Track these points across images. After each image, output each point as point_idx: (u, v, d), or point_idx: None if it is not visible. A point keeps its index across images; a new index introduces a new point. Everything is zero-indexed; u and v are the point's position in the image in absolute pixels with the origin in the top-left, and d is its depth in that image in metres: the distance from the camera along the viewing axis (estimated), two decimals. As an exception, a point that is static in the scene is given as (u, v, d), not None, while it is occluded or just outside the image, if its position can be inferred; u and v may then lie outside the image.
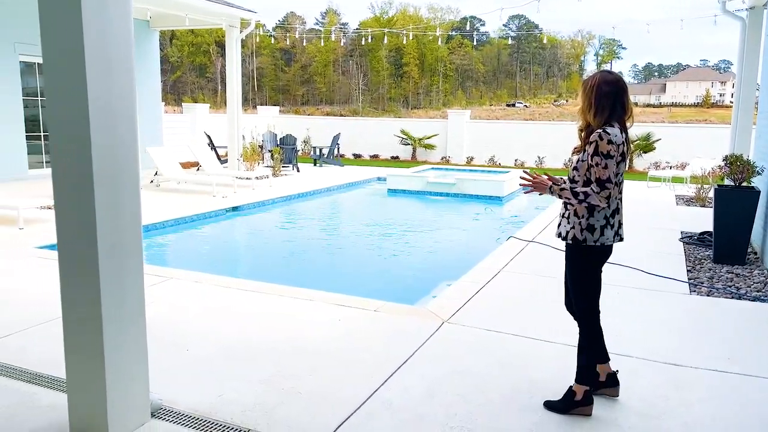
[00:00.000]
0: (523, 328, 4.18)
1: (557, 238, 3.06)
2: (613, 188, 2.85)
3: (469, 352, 3.77)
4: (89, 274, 2.56)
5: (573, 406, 3.02)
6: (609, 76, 2.95)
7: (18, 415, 2.89)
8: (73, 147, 2.50)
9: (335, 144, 16.73)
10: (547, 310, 4.58)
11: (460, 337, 4.02)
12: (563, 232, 2.99)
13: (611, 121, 2.89)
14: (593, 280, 3.01)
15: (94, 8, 2.41)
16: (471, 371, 3.49)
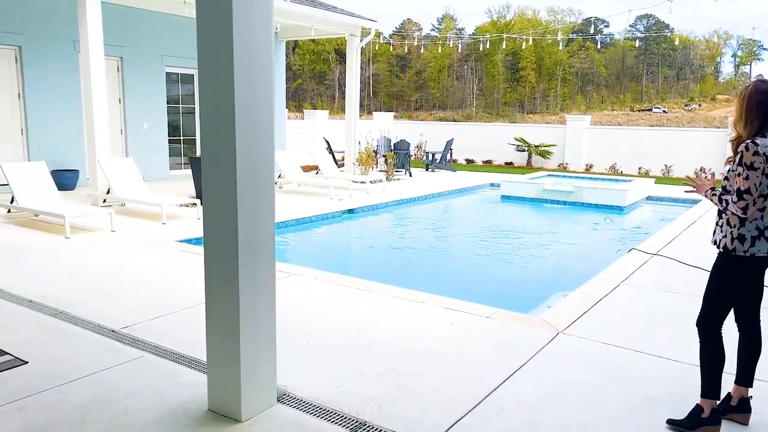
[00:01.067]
0: (644, 344, 4.01)
1: (712, 245, 2.99)
2: (752, 200, 2.73)
3: (584, 364, 3.68)
4: (230, 266, 2.83)
5: (700, 423, 2.88)
6: (762, 85, 2.82)
7: (165, 389, 3.24)
8: (221, 150, 2.78)
9: (448, 149, 16.78)
10: (670, 326, 4.35)
11: (575, 349, 3.93)
12: (717, 239, 2.94)
13: (763, 132, 2.77)
14: (728, 292, 2.90)
15: (243, 28, 2.67)
16: (586, 383, 3.41)
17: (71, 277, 5.43)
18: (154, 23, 12.14)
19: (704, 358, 2.93)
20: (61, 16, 10.54)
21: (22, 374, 3.36)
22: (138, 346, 3.82)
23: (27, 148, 10.45)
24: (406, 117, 46.05)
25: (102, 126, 8.98)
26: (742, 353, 3.00)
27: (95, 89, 8.80)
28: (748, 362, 2.98)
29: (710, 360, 2.91)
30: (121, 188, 8.78)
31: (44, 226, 7.66)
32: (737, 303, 2.96)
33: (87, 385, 3.26)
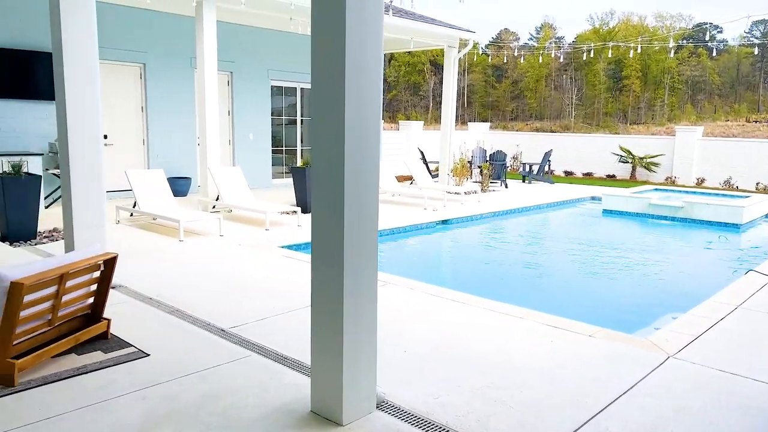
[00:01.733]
0: (761, 372, 3.70)
1: None
2: None
3: (697, 392, 3.46)
4: (335, 273, 2.93)
5: None
6: None
7: (270, 389, 3.39)
8: (330, 160, 2.89)
9: (546, 161, 16.36)
10: (798, 357, 3.98)
11: (687, 375, 3.70)
12: None
13: None
14: None
15: (355, 43, 2.77)
16: (701, 412, 3.20)
17: (185, 277, 5.82)
18: (261, 39, 12.82)
19: None
20: (180, 36, 11.37)
21: (144, 366, 3.65)
22: (245, 346, 4.02)
23: (147, 157, 11.33)
24: (501, 127, 45.36)
25: (213, 137, 9.57)
26: None
27: (209, 103, 9.40)
28: None
29: None
30: (229, 195, 9.31)
31: (161, 229, 8.27)
32: None
33: (201, 379, 3.48)
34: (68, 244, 4.98)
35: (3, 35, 9.28)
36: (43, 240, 7.23)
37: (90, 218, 4.96)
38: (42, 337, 3.64)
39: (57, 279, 3.50)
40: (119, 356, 3.77)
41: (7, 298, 3.22)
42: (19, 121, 9.59)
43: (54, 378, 3.43)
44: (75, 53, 4.76)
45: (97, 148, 4.95)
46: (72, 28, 4.72)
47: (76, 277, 3.69)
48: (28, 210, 7.12)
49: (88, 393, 3.26)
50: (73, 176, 4.83)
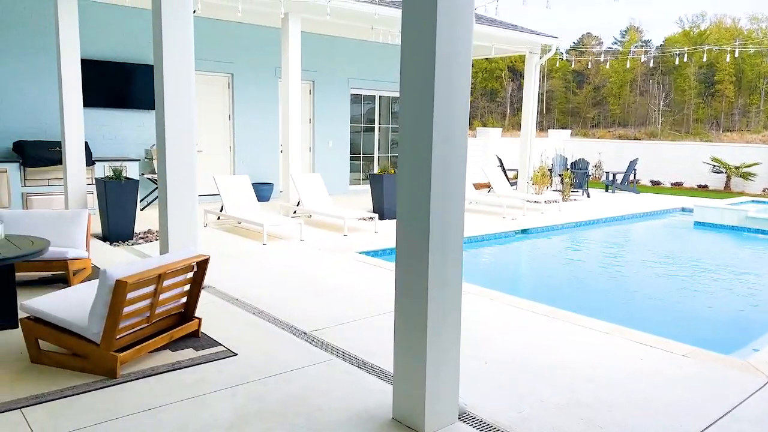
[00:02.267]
0: None
1: None
2: None
3: (808, 422, 3.20)
4: (420, 281, 2.94)
5: None
6: None
7: (353, 393, 3.45)
8: (417, 166, 2.91)
9: (631, 169, 15.70)
10: None
11: (794, 402, 3.43)
12: None
13: None
14: None
15: (445, 50, 2.79)
16: (811, 445, 2.97)
17: (268, 280, 6.02)
18: (342, 48, 13.10)
19: None
20: (266, 47, 11.81)
21: (233, 364, 3.80)
22: (327, 349, 4.11)
23: (233, 163, 11.83)
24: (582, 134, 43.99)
25: (296, 144, 9.85)
26: None
27: (292, 111, 9.70)
28: None
29: None
30: (309, 201, 9.55)
31: (245, 232, 8.60)
32: None
33: (287, 380, 3.58)
34: (163, 245, 5.27)
35: (104, 49, 9.98)
36: (138, 241, 7.70)
37: (183, 222, 5.23)
38: (141, 333, 3.87)
39: (155, 278, 3.72)
40: (209, 354, 3.94)
41: (113, 295, 3.45)
42: (118, 129, 10.28)
43: (151, 372, 3.64)
44: (174, 67, 5.05)
45: (191, 156, 5.22)
46: (171, 42, 5.01)
47: (172, 277, 3.90)
48: (127, 212, 7.60)
49: (183, 388, 3.44)
50: (170, 181, 5.11)
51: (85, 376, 3.55)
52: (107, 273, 3.45)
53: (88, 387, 3.41)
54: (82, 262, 5.50)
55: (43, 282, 5.57)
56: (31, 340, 3.72)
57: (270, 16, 10.22)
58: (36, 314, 3.72)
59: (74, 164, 8.01)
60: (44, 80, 9.42)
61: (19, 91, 9.28)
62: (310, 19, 10.12)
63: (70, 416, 3.06)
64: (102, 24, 9.89)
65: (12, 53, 9.16)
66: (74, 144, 7.98)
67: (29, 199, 8.81)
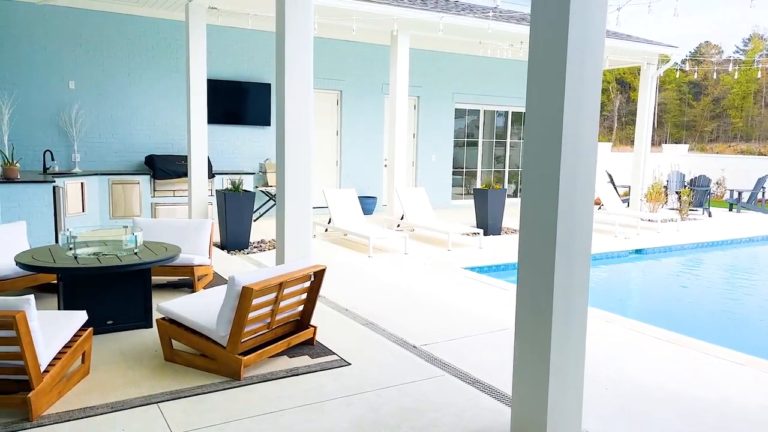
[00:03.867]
0: None
1: None
2: None
3: None
4: (544, 299, 2.86)
5: None
6: None
7: (466, 410, 3.40)
8: (544, 183, 2.85)
9: (760, 187, 14.45)
10: None
11: None
12: None
13: None
14: None
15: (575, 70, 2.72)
16: None
17: (375, 291, 6.11)
18: (447, 63, 13.15)
19: None
20: (374, 64, 12.12)
21: (348, 374, 3.88)
22: (437, 365, 4.09)
23: (340, 176, 12.18)
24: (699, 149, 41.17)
25: (401, 159, 9.98)
26: None
27: (398, 126, 9.85)
28: None
29: None
30: (413, 215, 9.62)
31: (351, 244, 8.80)
32: None
33: (401, 393, 3.60)
34: (279, 255, 5.51)
35: (224, 69, 10.67)
36: (253, 250, 8.10)
37: (299, 233, 5.44)
38: (261, 338, 4.06)
39: (277, 286, 3.89)
40: (324, 362, 4.06)
41: (239, 301, 3.65)
42: (235, 144, 10.92)
43: (271, 377, 3.80)
44: (295, 86, 5.30)
45: (307, 170, 5.44)
46: (293, 62, 5.27)
47: (292, 285, 4.06)
48: (243, 223, 8.04)
49: (302, 393, 3.56)
50: (288, 195, 5.35)
51: (212, 376, 3.77)
52: (235, 279, 3.66)
53: (215, 387, 3.61)
54: (206, 268, 5.86)
55: (172, 286, 5.99)
56: (165, 340, 4.01)
57: (380, 34, 10.48)
58: (170, 315, 4.01)
59: (198, 177, 8.60)
60: (174, 99, 10.23)
61: (152, 110, 10.14)
62: (420, 35, 10.26)
63: (201, 413, 3.26)
64: (222, 45, 10.60)
65: (147, 74, 10.04)
66: (199, 158, 8.57)
67: (156, 208, 9.56)
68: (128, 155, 10.00)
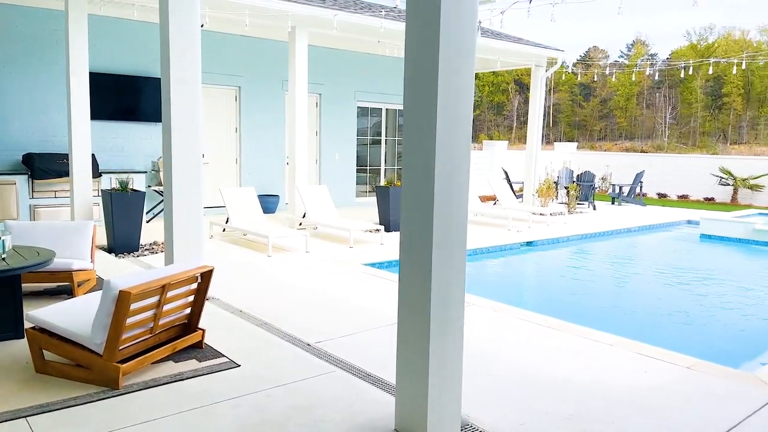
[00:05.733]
0: None
1: None
2: None
3: (814, 436, 3.17)
4: (423, 292, 2.94)
5: None
6: None
7: (355, 404, 3.44)
8: (420, 179, 2.93)
9: (638, 182, 15.67)
10: None
11: (801, 416, 3.40)
12: None
13: None
14: None
15: (447, 68, 2.81)
16: (818, 459, 2.93)
17: (272, 291, 6.03)
18: (349, 62, 13.19)
19: None
20: (273, 60, 11.93)
21: (236, 376, 3.80)
22: (330, 361, 4.10)
23: (239, 175, 11.90)
24: (589, 147, 43.96)
25: (302, 156, 9.91)
26: None
27: (298, 124, 9.76)
28: None
29: None
30: (315, 213, 9.58)
31: (250, 244, 8.62)
32: None
33: (290, 391, 3.58)
34: (168, 256, 5.30)
35: (113, 62, 10.11)
36: (144, 252, 7.74)
37: (189, 233, 5.26)
38: (144, 343, 3.88)
39: (159, 289, 3.74)
40: (212, 365, 3.95)
41: (116, 306, 3.47)
42: (126, 142, 10.37)
43: (153, 383, 3.65)
44: (181, 80, 5.10)
45: (197, 168, 5.26)
46: (179, 55, 5.07)
47: (176, 288, 3.92)
48: (132, 224, 7.65)
49: (186, 399, 3.44)
50: (176, 193, 5.15)
51: (88, 386, 3.56)
52: (111, 283, 3.47)
53: (90, 398, 3.41)
54: (87, 273, 5.53)
55: (49, 293, 5.60)
56: (35, 350, 3.74)
57: (277, 30, 10.33)
58: (41, 324, 3.74)
59: (81, 176, 8.09)
60: (53, 93, 9.54)
61: (28, 104, 9.40)
62: (317, 32, 10.21)
63: (73, 426, 3.07)
64: (111, 38, 10.02)
65: (21, 66, 9.29)
66: (81, 156, 8.06)
67: (36, 210, 8.89)
68: (3, 154, 9.22)
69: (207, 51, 10.70)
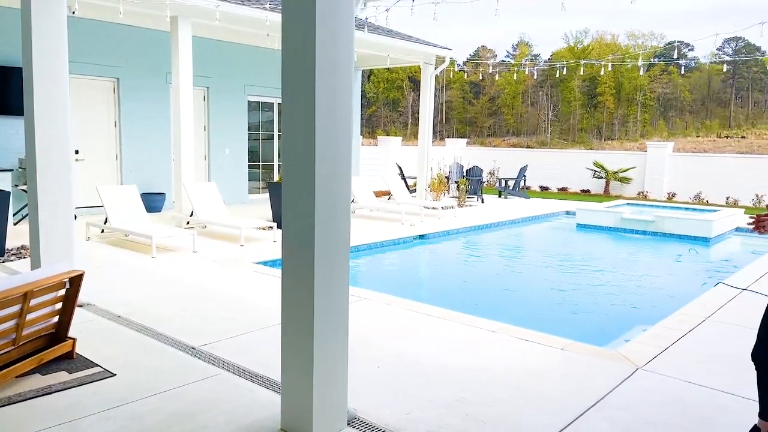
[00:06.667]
0: (730, 384, 3.77)
1: None
2: None
3: (664, 404, 3.50)
4: (305, 288, 2.92)
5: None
6: None
7: (240, 407, 3.35)
8: (301, 175, 2.90)
9: (521, 176, 16.56)
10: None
11: (655, 386, 3.75)
12: None
13: None
14: None
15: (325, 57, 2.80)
16: (669, 424, 3.24)
17: (156, 295, 5.74)
18: (238, 55, 12.81)
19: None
20: (156, 51, 11.32)
21: (110, 386, 3.57)
22: (216, 364, 3.97)
23: (120, 172, 11.20)
24: (479, 143, 45.81)
25: (188, 152, 9.50)
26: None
27: (183, 118, 9.35)
28: None
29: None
30: (203, 211, 9.23)
31: (133, 245, 8.15)
32: None
33: (169, 398, 3.42)
34: (34, 261, 4.88)
35: (-27, 49, 9.15)
36: (11, 258, 7.08)
37: (57, 235, 4.87)
38: (6, 356, 3.55)
39: (21, 297, 3.43)
40: (84, 376, 3.69)
41: (-32, 318, 3.14)
42: (-12, 137, 9.43)
43: (18, 398, 3.35)
44: (45, 68, 4.71)
45: (66, 164, 4.88)
46: (42, 43, 4.68)
47: (41, 295, 3.62)
48: (-4, 227, 6.97)
49: (54, 414, 3.19)
50: (41, 193, 4.75)
51: (-64, 408, 3.20)
52: (-39, 293, 3.14)
53: (-62, 420, 3.07)
54: (-61, 282, 4.96)
55: None
56: None
57: (157, 19, 9.82)
58: None
59: (-68, 175, 7.24)
60: None
61: None
62: (202, 23, 9.82)
63: None
64: (-34, 22, 9.05)
65: None
66: (-68, 153, 7.22)
67: None
68: None
69: (81, 40, 9.96)
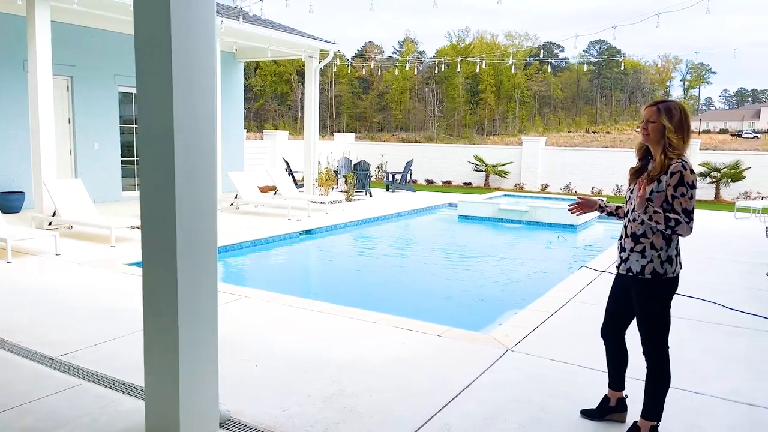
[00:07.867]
0: (590, 359, 4.08)
1: (626, 275, 2.93)
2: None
3: (530, 382, 3.72)
4: (169, 289, 2.77)
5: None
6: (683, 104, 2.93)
7: (101, 418, 3.13)
8: (159, 169, 2.73)
9: (408, 170, 16.93)
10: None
11: (522, 366, 3.97)
12: (637, 267, 2.86)
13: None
14: (669, 313, 2.91)
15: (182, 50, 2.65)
16: (532, 400, 3.44)
17: (11, 302, 5.22)
18: (106, 42, 11.94)
19: (660, 380, 2.92)
20: (10, 36, 10.28)
21: (-52, 406, 3.20)
22: (76, 374, 3.68)
23: (-30, 169, 10.07)
24: (369, 138, 46.29)
25: (48, 147, 8.74)
26: (619, 365, 3.23)
27: (42, 109, 8.58)
28: (622, 371, 3.23)
29: (666, 383, 2.93)
30: (68, 210, 8.53)
31: (-14, 250, 7.36)
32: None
33: (20, 414, 3.11)
34: None
35: None
36: None
37: None
38: None
39: None
40: None
41: None
42: None
43: None
44: None
45: None
46: None
47: None
48: None
49: None
50: None
51: None
52: None
53: None
54: None
55: None
56: None
57: (7, 3, 8.90)
58: None
59: None
60: None
61: None
62: (61, 7, 9.04)
63: None
64: None
65: None
66: None
67: None
68: None
69: None
